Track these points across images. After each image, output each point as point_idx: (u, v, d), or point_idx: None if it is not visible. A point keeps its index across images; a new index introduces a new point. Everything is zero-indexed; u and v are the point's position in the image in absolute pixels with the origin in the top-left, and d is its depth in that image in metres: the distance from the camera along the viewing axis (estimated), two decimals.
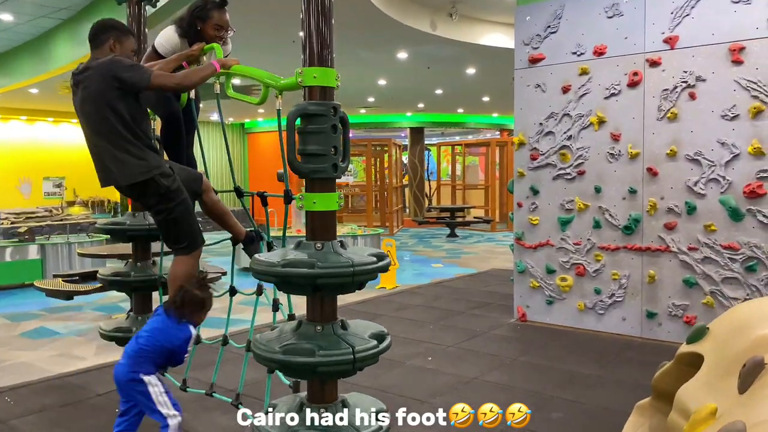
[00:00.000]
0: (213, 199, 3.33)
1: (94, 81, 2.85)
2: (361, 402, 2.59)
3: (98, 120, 2.87)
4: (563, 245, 5.76)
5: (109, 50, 2.99)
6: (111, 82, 2.82)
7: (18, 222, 13.98)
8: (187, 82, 2.99)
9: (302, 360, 2.33)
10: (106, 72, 2.83)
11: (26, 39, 10.25)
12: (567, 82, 5.68)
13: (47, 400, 4.15)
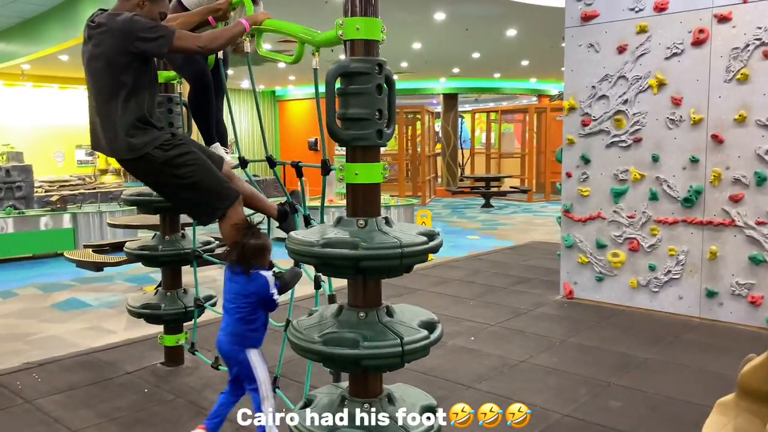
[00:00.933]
0: (236, 184, 3.04)
1: (107, 40, 2.58)
2: (408, 396, 2.32)
3: (101, 82, 2.63)
4: (616, 218, 5.37)
5: (137, 5, 2.69)
6: (126, 44, 2.55)
7: (52, 190, 14.05)
8: (213, 44, 2.69)
9: (345, 352, 2.05)
10: (123, 32, 2.55)
11: (54, 3, 10.04)
12: (623, 42, 5.22)
13: (75, 378, 3.99)
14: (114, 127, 2.63)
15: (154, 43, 2.56)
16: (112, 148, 2.68)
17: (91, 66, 2.66)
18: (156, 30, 2.57)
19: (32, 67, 14.36)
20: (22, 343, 5.10)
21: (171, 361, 4.14)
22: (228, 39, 2.72)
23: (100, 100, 2.66)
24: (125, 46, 2.55)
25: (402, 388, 2.39)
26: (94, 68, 2.65)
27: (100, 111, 2.67)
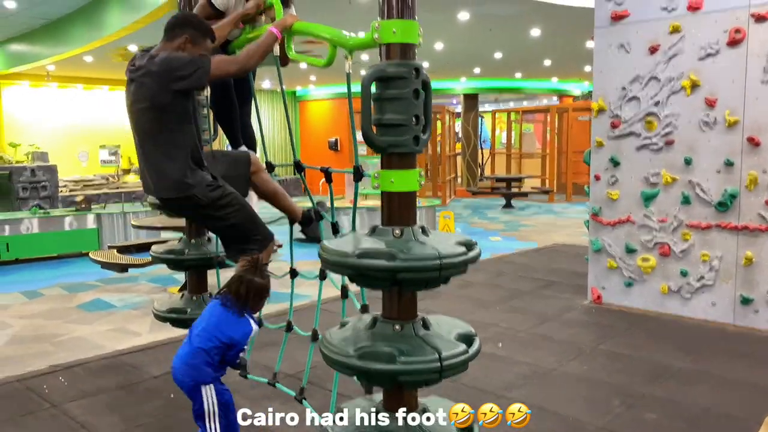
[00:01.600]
0: (263, 179, 3.02)
1: (148, 81, 2.59)
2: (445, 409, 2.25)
3: (146, 123, 2.64)
4: (646, 222, 5.25)
5: (178, 48, 2.67)
6: (166, 83, 2.55)
7: (76, 190, 14.18)
8: (250, 62, 2.66)
9: (381, 367, 2.00)
10: (162, 73, 2.55)
11: (78, 5, 10.10)
12: (655, 42, 5.10)
13: (101, 382, 3.98)
14: (161, 167, 2.63)
15: (193, 77, 2.56)
16: (159, 187, 2.67)
17: (134, 108, 2.67)
18: (192, 64, 2.56)
19: (57, 68, 14.49)
20: (49, 344, 5.11)
21: None
22: (263, 53, 2.68)
23: (146, 141, 2.67)
24: (165, 85, 2.55)
25: (436, 401, 2.33)
26: (138, 110, 2.65)
27: (147, 151, 2.68)
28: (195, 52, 2.66)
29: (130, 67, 2.69)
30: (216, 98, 3.38)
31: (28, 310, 6.23)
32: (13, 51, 13.30)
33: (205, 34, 2.71)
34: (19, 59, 13.20)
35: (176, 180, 2.62)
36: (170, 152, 2.62)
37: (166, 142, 2.62)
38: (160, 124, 2.61)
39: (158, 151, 2.64)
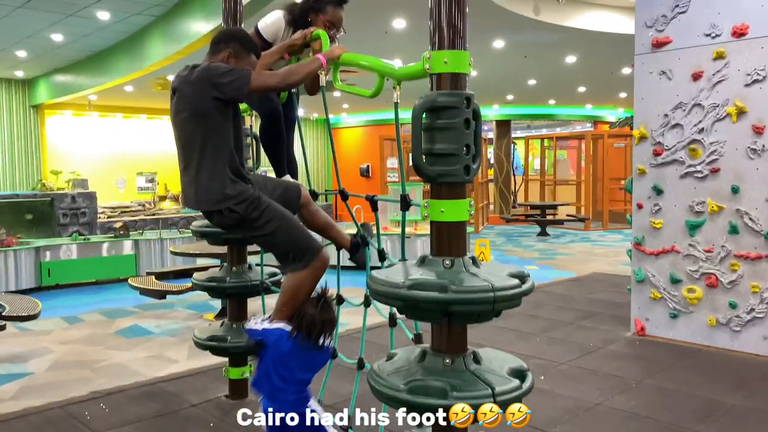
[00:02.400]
0: (313, 212, 2.97)
1: (188, 90, 2.60)
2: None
3: (187, 134, 2.63)
4: (692, 252, 5.11)
5: (221, 61, 2.69)
6: (206, 90, 2.55)
7: (114, 216, 14.45)
8: (290, 79, 2.65)
9: (433, 402, 1.94)
10: (201, 80, 2.56)
11: (121, 37, 10.41)
12: (698, 68, 5.02)
13: (141, 409, 3.99)
14: (201, 179, 2.61)
15: (232, 85, 2.54)
16: (199, 199, 2.65)
17: (177, 119, 2.67)
18: (232, 73, 2.56)
19: (98, 98, 14.92)
20: (89, 370, 5.16)
21: (235, 394, 4.09)
22: (305, 75, 2.69)
23: (187, 152, 2.65)
24: (205, 92, 2.55)
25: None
26: (180, 120, 2.65)
27: (187, 163, 2.66)
28: (238, 66, 2.66)
29: (175, 79, 2.71)
30: (265, 127, 3.40)
31: (69, 335, 6.31)
32: (57, 82, 13.75)
33: (249, 48, 2.72)
34: (63, 89, 13.63)
35: (215, 192, 2.59)
36: (210, 164, 2.60)
37: (206, 153, 2.60)
38: (201, 134, 2.59)
39: (198, 162, 2.62)
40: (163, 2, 8.41)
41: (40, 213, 11.44)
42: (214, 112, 2.57)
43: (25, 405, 4.20)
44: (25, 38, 10.35)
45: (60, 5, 8.45)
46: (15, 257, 8.49)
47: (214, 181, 2.58)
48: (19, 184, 15.05)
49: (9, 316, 5.38)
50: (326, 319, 2.50)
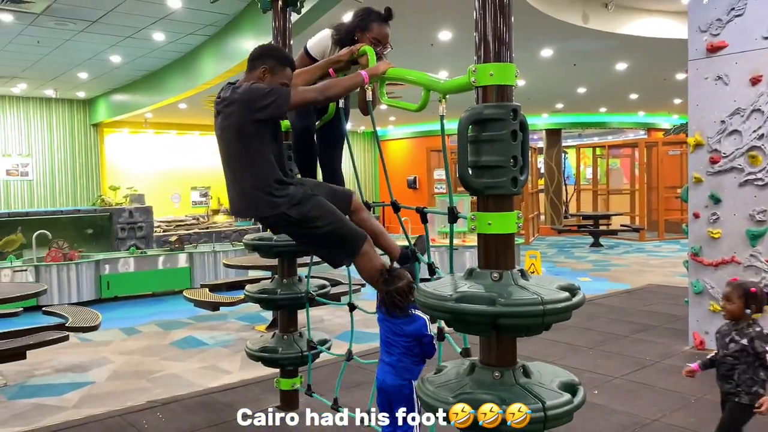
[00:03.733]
0: (364, 218, 3.03)
1: (233, 112, 2.72)
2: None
3: (233, 150, 2.77)
4: (753, 263, 4.92)
5: (258, 78, 2.79)
6: (249, 113, 2.68)
7: (169, 230, 14.89)
8: (328, 92, 2.74)
9: None
10: (243, 103, 2.68)
11: (175, 57, 10.78)
12: (757, 72, 4.86)
13: (196, 419, 4.08)
14: (251, 190, 2.74)
15: (273, 106, 2.66)
16: (249, 207, 2.80)
17: (222, 137, 2.81)
18: (271, 94, 2.67)
19: (154, 116, 15.45)
20: (146, 380, 5.31)
21: (286, 404, 4.13)
22: (344, 88, 2.74)
23: (234, 167, 2.79)
24: (248, 115, 2.67)
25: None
26: (225, 138, 2.79)
27: (235, 177, 2.80)
28: (275, 81, 2.76)
29: (217, 100, 2.84)
30: (295, 144, 3.47)
31: (127, 346, 6.52)
32: (115, 101, 14.32)
33: (283, 62, 2.81)
34: (121, 108, 14.18)
35: (265, 199, 2.72)
36: (256, 176, 2.72)
37: (253, 165, 2.72)
38: (246, 149, 2.72)
39: (244, 175, 2.75)
40: (215, 22, 8.68)
41: (99, 228, 11.91)
42: (256, 130, 2.69)
43: (87, 413, 4.36)
44: (86, 60, 10.84)
45: (118, 28, 8.82)
46: (77, 270, 8.83)
47: (262, 190, 2.71)
48: (80, 199, 15.68)
49: (71, 327, 5.60)
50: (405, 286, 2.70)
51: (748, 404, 2.82)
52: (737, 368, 2.87)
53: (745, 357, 2.85)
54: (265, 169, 2.72)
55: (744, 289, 2.93)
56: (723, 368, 2.94)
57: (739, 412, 2.87)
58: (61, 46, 9.74)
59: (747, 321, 2.91)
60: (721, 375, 2.97)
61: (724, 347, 2.94)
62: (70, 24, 8.50)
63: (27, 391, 5.08)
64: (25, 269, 8.48)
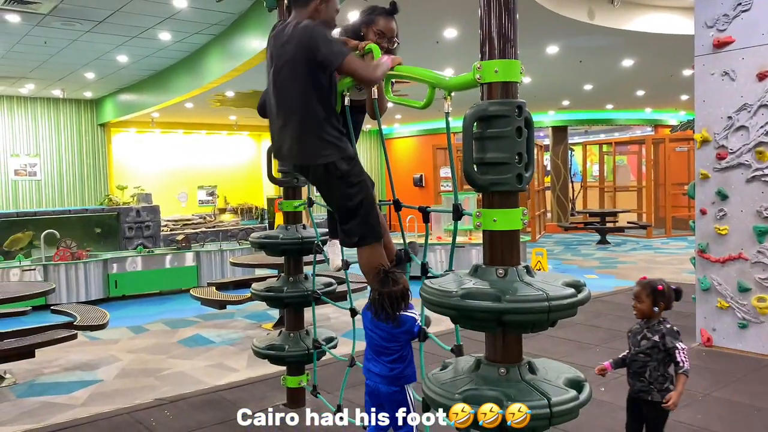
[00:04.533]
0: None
1: (290, 50, 2.67)
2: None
3: (289, 92, 2.70)
4: (761, 259, 4.90)
5: (314, 11, 2.76)
6: (308, 52, 2.63)
7: (176, 229, 14.95)
8: (376, 74, 2.63)
9: None
10: (304, 42, 2.63)
11: (181, 56, 10.81)
12: (764, 68, 4.83)
13: (203, 416, 4.10)
14: (304, 134, 2.68)
15: (330, 53, 2.60)
16: (300, 154, 2.73)
17: (277, 79, 2.75)
18: (334, 44, 2.64)
19: (160, 115, 15.51)
20: (153, 378, 5.34)
21: (293, 402, 4.16)
22: (383, 73, 2.66)
23: (288, 110, 2.72)
24: (307, 54, 2.62)
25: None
26: (282, 80, 2.72)
27: (289, 121, 2.72)
28: (330, 10, 2.77)
29: (272, 42, 2.80)
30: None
31: (135, 344, 6.55)
32: (122, 101, 14.38)
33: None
34: (127, 108, 14.24)
35: (317, 145, 2.66)
36: (313, 121, 2.67)
37: (309, 111, 2.67)
38: (303, 94, 2.66)
39: (301, 120, 2.69)
40: (220, 22, 8.70)
41: (107, 227, 11.98)
42: (315, 75, 2.64)
43: (95, 411, 4.40)
44: (93, 60, 10.89)
45: (125, 28, 8.85)
46: (85, 269, 8.88)
47: (318, 136, 2.66)
48: (87, 199, 15.77)
49: (80, 326, 5.64)
50: (401, 291, 2.62)
51: (661, 401, 2.83)
52: (649, 365, 2.90)
53: (657, 353, 2.89)
54: (321, 113, 2.66)
55: (651, 287, 2.99)
56: (635, 366, 2.97)
57: (656, 411, 2.89)
58: (68, 47, 9.79)
59: (657, 319, 2.99)
60: (632, 373, 2.99)
61: (636, 345, 2.98)
62: (76, 24, 8.55)
63: (36, 389, 5.12)
64: (34, 268, 8.53)
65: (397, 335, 2.64)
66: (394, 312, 2.59)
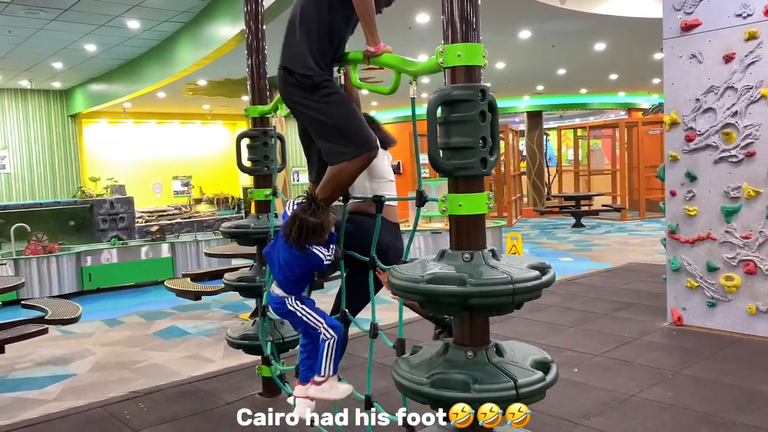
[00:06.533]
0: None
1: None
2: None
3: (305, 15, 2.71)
4: (728, 239, 4.99)
5: None
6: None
7: (151, 220, 14.78)
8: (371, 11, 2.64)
9: (455, 395, 1.95)
10: None
11: (151, 45, 10.65)
12: (730, 50, 4.89)
13: (178, 408, 4.07)
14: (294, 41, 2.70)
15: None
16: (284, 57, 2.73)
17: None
18: None
19: (132, 105, 15.28)
20: (128, 371, 5.29)
21: (268, 391, 4.14)
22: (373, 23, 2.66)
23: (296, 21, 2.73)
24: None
25: (511, 431, 2.25)
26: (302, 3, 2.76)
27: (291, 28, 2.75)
28: None
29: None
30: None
31: (109, 337, 6.49)
32: (93, 91, 14.13)
33: None
34: (98, 98, 14.00)
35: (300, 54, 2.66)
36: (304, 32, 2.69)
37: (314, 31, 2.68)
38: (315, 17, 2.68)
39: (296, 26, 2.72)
40: (189, 9, 8.57)
41: (80, 219, 11.79)
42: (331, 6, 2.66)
43: (68, 405, 4.34)
44: (60, 50, 10.67)
45: (92, 16, 8.67)
46: (57, 263, 8.75)
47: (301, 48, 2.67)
48: (60, 191, 15.51)
49: (51, 320, 5.56)
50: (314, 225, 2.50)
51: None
52: None
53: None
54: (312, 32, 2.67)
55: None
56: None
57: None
58: (33, 36, 9.57)
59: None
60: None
61: None
62: (41, 12, 8.35)
63: (7, 385, 5.05)
64: (5, 263, 8.38)
65: (301, 266, 2.57)
66: (299, 240, 2.50)
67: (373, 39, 2.59)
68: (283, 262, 2.61)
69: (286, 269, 2.60)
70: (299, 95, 2.72)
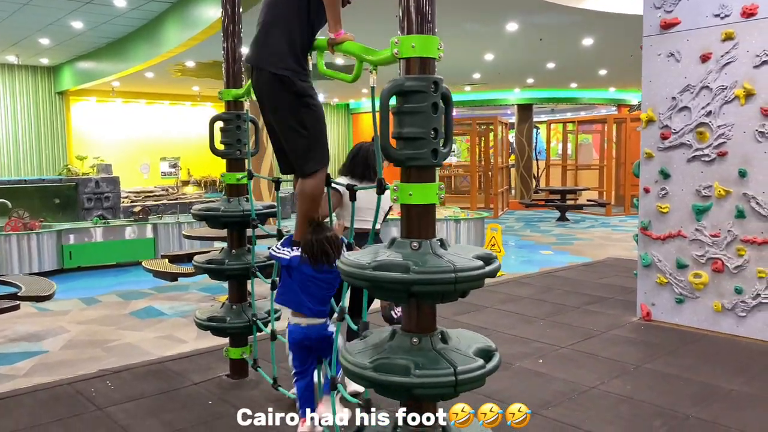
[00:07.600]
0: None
1: None
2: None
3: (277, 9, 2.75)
4: (698, 237, 5.06)
5: None
6: None
7: (137, 201, 14.74)
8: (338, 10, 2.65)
9: (395, 380, 1.99)
10: None
11: (139, 24, 10.58)
12: (707, 50, 4.93)
13: (145, 387, 4.10)
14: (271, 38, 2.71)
15: None
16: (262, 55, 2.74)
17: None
18: None
19: (121, 84, 15.19)
20: (100, 349, 5.32)
21: (236, 373, 4.19)
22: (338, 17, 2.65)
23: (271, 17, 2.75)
24: None
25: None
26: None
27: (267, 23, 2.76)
28: None
29: None
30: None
31: (85, 316, 6.51)
32: (81, 69, 14.03)
33: None
34: (86, 76, 13.90)
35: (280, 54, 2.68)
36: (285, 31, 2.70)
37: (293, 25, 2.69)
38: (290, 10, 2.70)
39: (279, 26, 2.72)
40: None
41: (65, 197, 11.74)
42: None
43: (36, 382, 4.37)
44: (47, 26, 10.58)
45: None
46: (38, 240, 8.73)
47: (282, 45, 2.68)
48: (45, 169, 15.44)
49: (24, 296, 5.57)
50: (321, 240, 2.73)
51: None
52: None
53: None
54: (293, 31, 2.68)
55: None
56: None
57: None
58: (19, 11, 9.49)
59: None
60: None
61: None
62: None
63: None
64: None
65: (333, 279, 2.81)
66: (338, 254, 2.69)
67: (335, 26, 2.61)
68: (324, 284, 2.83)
69: (330, 287, 2.85)
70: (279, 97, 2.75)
